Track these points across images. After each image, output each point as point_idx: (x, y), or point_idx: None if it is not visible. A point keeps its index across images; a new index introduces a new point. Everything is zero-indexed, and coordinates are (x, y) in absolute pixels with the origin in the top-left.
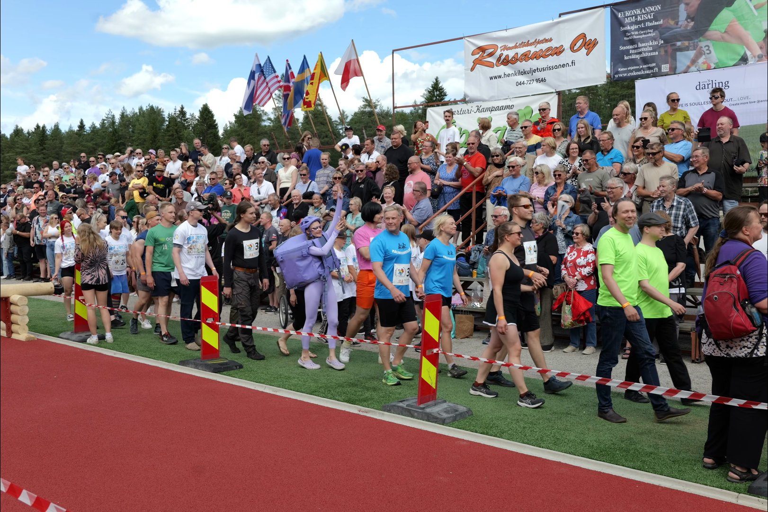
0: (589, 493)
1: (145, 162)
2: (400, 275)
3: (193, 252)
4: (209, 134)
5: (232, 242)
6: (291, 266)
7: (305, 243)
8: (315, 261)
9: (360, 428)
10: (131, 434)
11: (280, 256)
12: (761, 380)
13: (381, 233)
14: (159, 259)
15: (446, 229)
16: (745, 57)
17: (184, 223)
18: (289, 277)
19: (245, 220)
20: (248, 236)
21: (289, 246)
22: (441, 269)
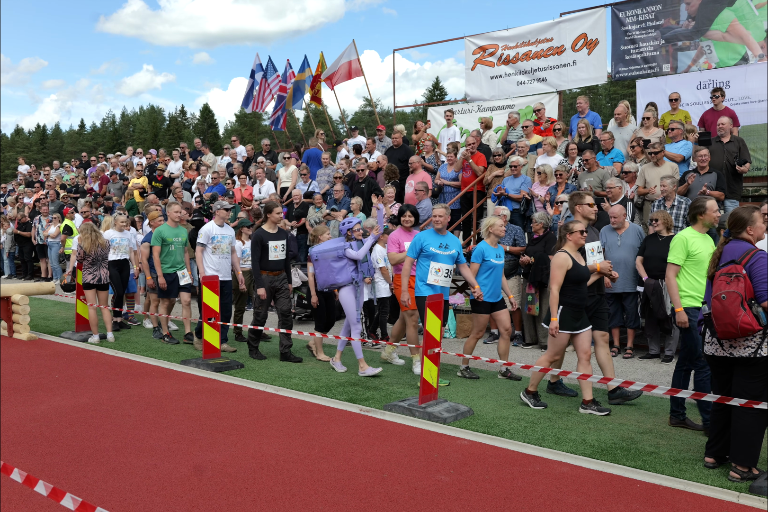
0: (591, 492)
1: (146, 162)
2: (436, 274)
3: (218, 252)
4: (210, 134)
5: (258, 242)
6: (325, 266)
7: (343, 244)
8: (350, 264)
9: (361, 427)
10: (133, 433)
11: (315, 255)
12: (764, 380)
13: (426, 230)
14: (164, 260)
15: (495, 231)
16: (746, 57)
17: (210, 222)
18: (321, 277)
19: (272, 220)
20: (275, 237)
21: (325, 246)
22: (489, 272)
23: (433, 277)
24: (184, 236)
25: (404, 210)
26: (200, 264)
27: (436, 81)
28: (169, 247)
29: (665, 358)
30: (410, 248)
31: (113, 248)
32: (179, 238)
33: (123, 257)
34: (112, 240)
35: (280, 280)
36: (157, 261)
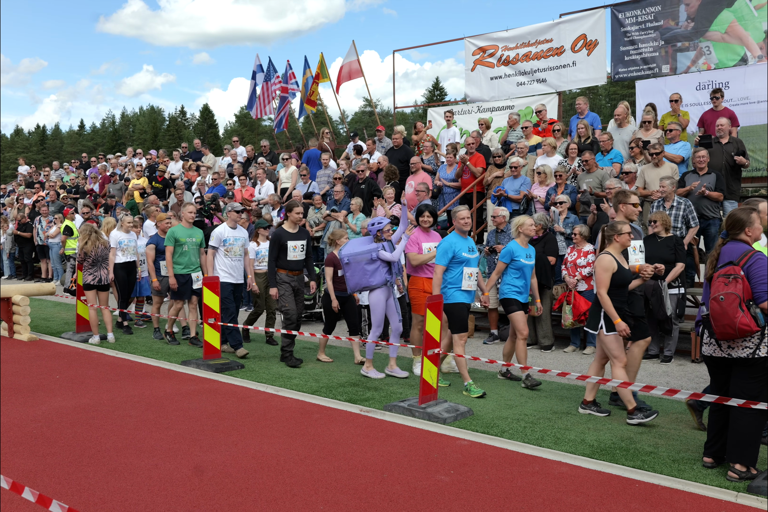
0: (590, 492)
1: (146, 162)
2: (469, 279)
3: (230, 255)
4: (210, 134)
5: (276, 241)
6: (358, 269)
7: (375, 246)
8: (383, 266)
9: (361, 428)
10: (134, 434)
11: (346, 258)
12: (762, 381)
13: (451, 234)
14: (178, 260)
15: (525, 230)
16: (746, 58)
17: (222, 224)
18: (353, 280)
19: (292, 219)
20: (294, 237)
21: (356, 248)
22: (519, 273)
23: (467, 282)
24: (199, 237)
25: (423, 210)
26: (209, 267)
27: (436, 81)
28: (182, 247)
29: (664, 358)
30: (441, 255)
31: (121, 250)
32: (193, 238)
33: (130, 259)
34: (120, 242)
35: (298, 281)
36: (169, 262)
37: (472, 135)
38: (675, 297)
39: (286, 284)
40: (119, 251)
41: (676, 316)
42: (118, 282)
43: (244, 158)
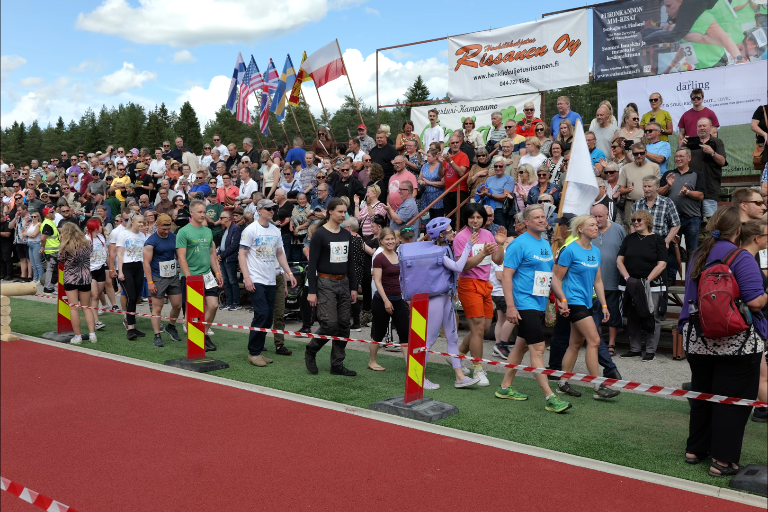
0: (575, 489)
1: (128, 161)
2: (541, 284)
3: (263, 255)
4: (191, 133)
5: (318, 242)
6: (421, 274)
7: (441, 250)
8: (446, 272)
9: (347, 426)
10: (118, 434)
11: (408, 261)
12: (746, 378)
13: (522, 236)
14: (190, 261)
15: (586, 231)
16: (725, 58)
17: (254, 223)
18: (413, 286)
19: (334, 219)
20: (337, 238)
21: (418, 250)
22: (580, 277)
23: (539, 288)
24: (209, 237)
25: (472, 210)
26: (244, 269)
27: (418, 80)
28: (194, 248)
29: (646, 356)
30: (509, 258)
31: (128, 250)
32: (204, 239)
33: (137, 260)
34: (127, 242)
35: (343, 285)
36: (184, 263)
37: (455, 134)
38: (657, 295)
39: (329, 291)
40: (126, 251)
41: (658, 314)
42: (126, 283)
43: (226, 156)
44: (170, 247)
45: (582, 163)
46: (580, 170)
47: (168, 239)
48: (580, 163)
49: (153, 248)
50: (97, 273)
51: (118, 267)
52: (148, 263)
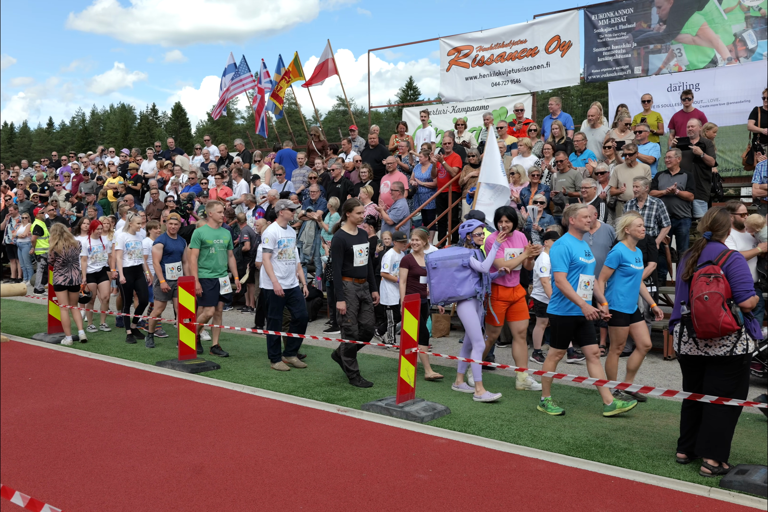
0: (566, 489)
1: (120, 161)
2: (585, 288)
3: (284, 258)
4: (182, 133)
5: (340, 246)
6: (446, 276)
7: (467, 251)
8: (474, 275)
9: (339, 427)
10: (109, 435)
11: (434, 262)
12: (736, 378)
13: (565, 236)
14: (205, 264)
15: (633, 232)
16: (715, 60)
17: (273, 224)
18: (439, 289)
19: (352, 220)
20: (357, 240)
21: (445, 253)
22: (628, 279)
23: (582, 291)
24: (227, 238)
25: (500, 214)
26: (271, 274)
27: (409, 81)
28: (209, 250)
29: None
30: (558, 261)
31: (128, 252)
32: (221, 240)
33: (138, 263)
34: (127, 244)
35: (365, 289)
36: (194, 265)
37: (446, 135)
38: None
39: (352, 295)
40: (126, 254)
41: (649, 314)
42: (125, 287)
43: (216, 157)
44: (179, 248)
45: (493, 164)
46: (491, 171)
47: (177, 240)
48: (491, 165)
49: (163, 247)
50: (98, 275)
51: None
52: (158, 262)
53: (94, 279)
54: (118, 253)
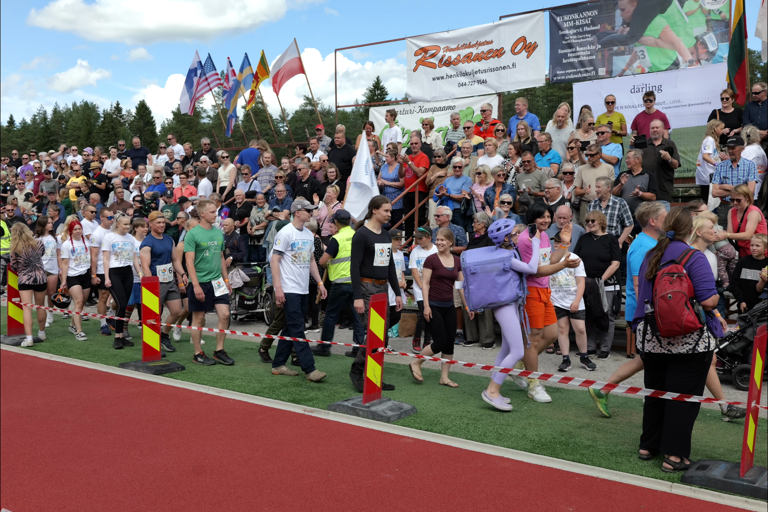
0: (531, 486)
1: (83, 160)
2: None
3: (299, 261)
4: (146, 132)
5: (362, 243)
6: (487, 281)
7: (508, 254)
8: (515, 279)
9: (305, 428)
10: (71, 439)
11: (472, 267)
12: (698, 375)
13: (641, 236)
14: (200, 267)
15: (705, 234)
16: (677, 62)
17: (288, 226)
18: (479, 295)
19: (378, 218)
20: (380, 239)
21: (483, 256)
22: None
23: None
24: (221, 239)
25: (542, 211)
26: (276, 277)
27: (377, 81)
28: (203, 252)
29: (601, 354)
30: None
31: (115, 253)
32: (215, 241)
33: (126, 264)
34: (114, 245)
35: (385, 291)
36: (192, 268)
37: (413, 135)
38: (611, 294)
39: None
40: (113, 255)
41: (612, 312)
42: (114, 290)
43: (182, 156)
44: (167, 248)
45: (360, 165)
46: (358, 171)
47: (164, 239)
48: (359, 165)
49: (150, 249)
50: (83, 278)
51: (104, 272)
52: (148, 266)
53: (78, 282)
54: (105, 254)
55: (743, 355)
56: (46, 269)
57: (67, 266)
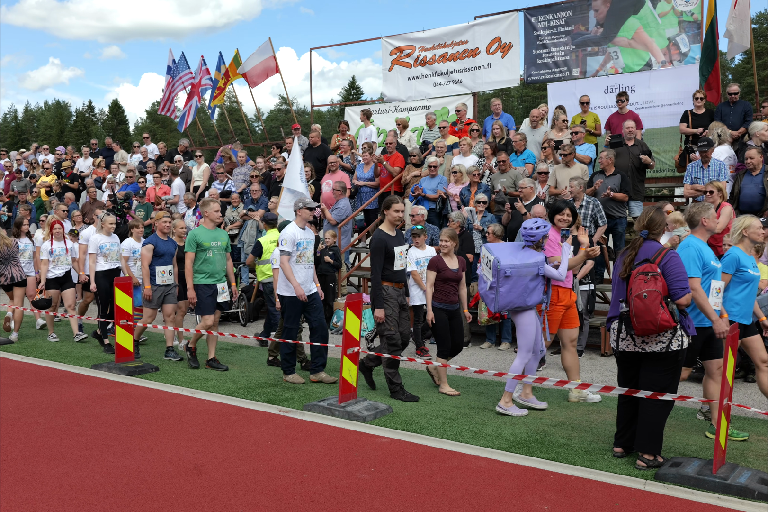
0: (507, 485)
1: (55, 159)
2: (716, 296)
3: (303, 261)
4: (119, 130)
5: (382, 248)
6: (519, 285)
7: (541, 257)
8: (542, 283)
9: (281, 428)
10: (42, 441)
11: (508, 270)
12: (671, 373)
13: (691, 237)
14: (202, 268)
15: (752, 234)
16: (650, 63)
17: (291, 224)
18: (508, 298)
19: (390, 220)
20: (397, 242)
21: (516, 258)
22: (744, 287)
23: (714, 299)
24: (225, 240)
25: (562, 208)
26: (291, 278)
27: (352, 80)
28: (206, 253)
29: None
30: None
31: (102, 255)
32: (218, 242)
33: (114, 266)
34: (101, 246)
35: (403, 294)
36: (189, 271)
37: (390, 134)
38: (585, 293)
39: (393, 301)
40: (100, 256)
41: (587, 311)
42: (100, 292)
43: (156, 155)
44: (170, 250)
45: (293, 171)
46: (292, 177)
47: (168, 240)
48: (292, 171)
49: (153, 248)
50: (62, 281)
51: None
52: (147, 266)
53: (56, 285)
54: (91, 256)
55: None
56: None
57: (47, 267)
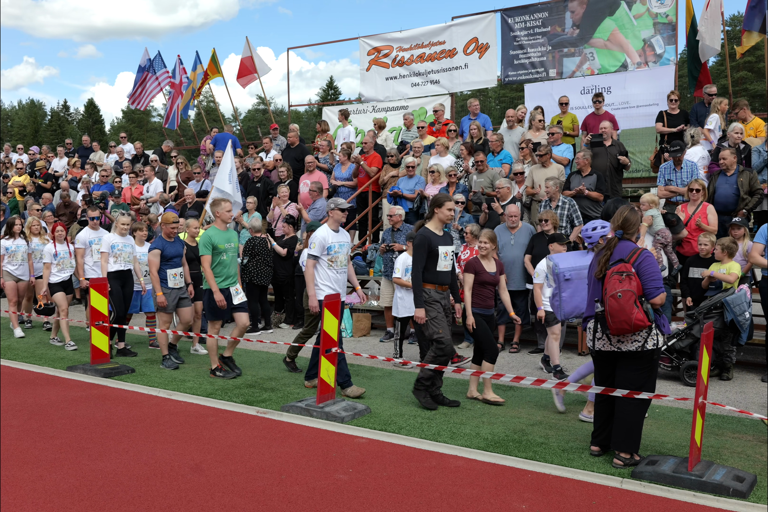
0: (485, 484)
1: (29, 158)
2: None
3: (336, 265)
4: (95, 130)
5: (425, 246)
6: (582, 289)
7: None
8: None
9: (258, 429)
10: (16, 444)
11: (567, 273)
12: (647, 372)
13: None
14: (217, 271)
15: None
16: (626, 64)
17: (323, 227)
18: (572, 304)
19: (440, 218)
20: (443, 242)
21: (576, 261)
22: None
23: None
24: (236, 241)
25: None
26: (311, 284)
27: (330, 80)
28: (221, 255)
29: None
30: None
31: (114, 255)
32: (232, 244)
33: (126, 268)
34: (113, 246)
35: (447, 297)
36: (210, 274)
37: (368, 135)
38: None
39: (438, 304)
40: (112, 257)
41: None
42: (112, 295)
43: (132, 155)
44: (178, 252)
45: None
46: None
47: (175, 242)
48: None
49: (161, 253)
50: (66, 284)
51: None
52: (156, 271)
53: (61, 288)
54: (103, 256)
55: (690, 352)
56: (17, 275)
57: (50, 270)
